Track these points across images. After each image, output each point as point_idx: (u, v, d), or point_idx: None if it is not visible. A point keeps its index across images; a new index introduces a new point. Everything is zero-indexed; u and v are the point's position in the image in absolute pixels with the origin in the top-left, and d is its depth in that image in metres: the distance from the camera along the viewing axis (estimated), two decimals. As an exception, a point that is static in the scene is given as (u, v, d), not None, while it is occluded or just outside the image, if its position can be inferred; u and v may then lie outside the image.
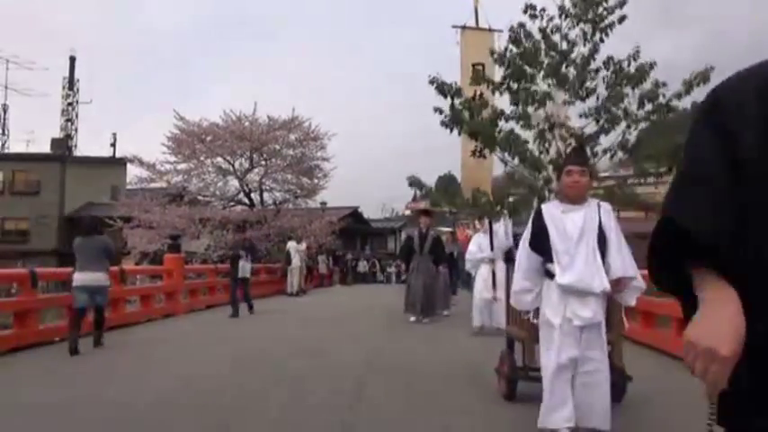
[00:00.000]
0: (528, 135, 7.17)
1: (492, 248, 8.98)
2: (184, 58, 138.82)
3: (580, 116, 7.33)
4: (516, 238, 10.94)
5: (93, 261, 7.55)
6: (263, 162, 24.64)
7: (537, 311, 3.70)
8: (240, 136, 23.46)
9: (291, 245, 19.35)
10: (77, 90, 52.22)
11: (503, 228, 9.25)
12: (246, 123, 24.07)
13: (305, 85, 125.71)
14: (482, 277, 9.06)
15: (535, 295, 3.62)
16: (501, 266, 8.68)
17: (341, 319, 11.40)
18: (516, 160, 7.22)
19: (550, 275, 3.51)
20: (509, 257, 11.73)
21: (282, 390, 5.16)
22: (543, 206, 3.71)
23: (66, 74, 52.15)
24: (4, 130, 50.21)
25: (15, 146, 63.91)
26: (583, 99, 7.12)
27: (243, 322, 10.95)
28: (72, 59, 52.50)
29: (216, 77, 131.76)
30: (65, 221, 33.37)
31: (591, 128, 7.16)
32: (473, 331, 8.86)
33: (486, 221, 9.30)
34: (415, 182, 7.27)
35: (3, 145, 49.60)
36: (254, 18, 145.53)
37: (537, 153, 7.26)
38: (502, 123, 7.35)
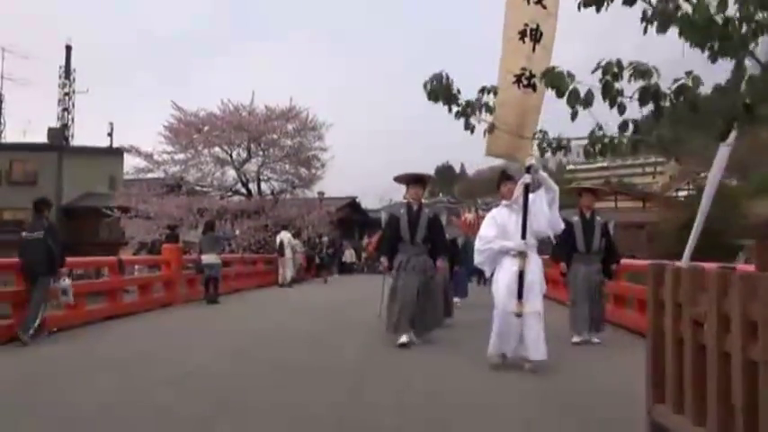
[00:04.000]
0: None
1: (524, 235, 5.68)
2: (182, 47, 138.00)
3: None
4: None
5: (210, 249, 12.85)
6: (261, 152, 24.58)
7: None
8: (238, 126, 23.38)
9: (284, 235, 19.06)
10: (74, 79, 52.12)
11: (545, 198, 5.79)
12: (244, 113, 23.99)
13: (303, 74, 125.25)
14: (505, 280, 5.70)
15: None
16: (536, 261, 5.80)
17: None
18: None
19: None
20: (552, 248, 7.36)
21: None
22: None
23: (63, 63, 51.97)
24: (0, 120, 50.05)
25: (12, 135, 63.70)
26: None
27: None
28: (68, 48, 52.29)
29: (214, 67, 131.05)
30: (62, 211, 33.30)
31: None
32: (490, 362, 5.75)
33: (521, 186, 5.74)
34: (437, 89, 3.24)
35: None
36: (253, 8, 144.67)
37: None
38: None
